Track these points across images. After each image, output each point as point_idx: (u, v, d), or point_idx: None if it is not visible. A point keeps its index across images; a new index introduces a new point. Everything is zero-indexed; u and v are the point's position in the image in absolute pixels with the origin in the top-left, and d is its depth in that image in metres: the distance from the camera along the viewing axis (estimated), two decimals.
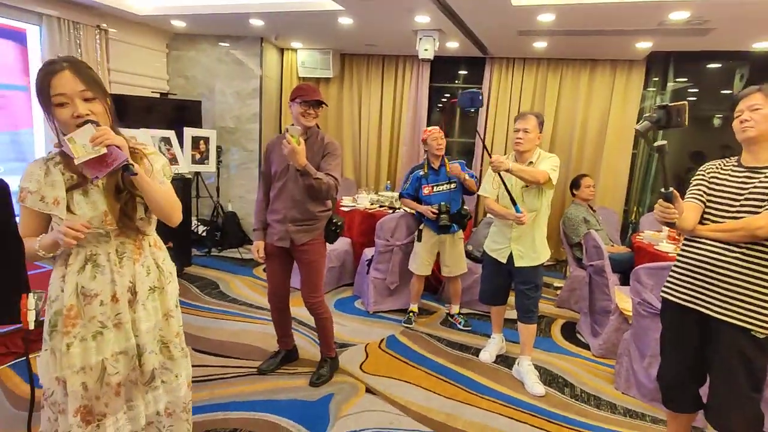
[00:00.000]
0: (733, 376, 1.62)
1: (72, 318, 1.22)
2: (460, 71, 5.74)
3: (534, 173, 2.39)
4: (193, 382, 2.46)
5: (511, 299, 2.85)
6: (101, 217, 1.25)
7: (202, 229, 5.17)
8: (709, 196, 1.71)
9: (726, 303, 1.62)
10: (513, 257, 2.58)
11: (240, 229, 5.38)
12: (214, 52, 5.23)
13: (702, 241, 1.70)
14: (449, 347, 3.11)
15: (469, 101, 2.39)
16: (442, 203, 3.17)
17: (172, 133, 4.22)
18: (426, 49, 4.17)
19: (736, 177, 1.68)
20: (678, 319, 1.78)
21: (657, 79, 5.04)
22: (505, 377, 2.75)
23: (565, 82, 5.17)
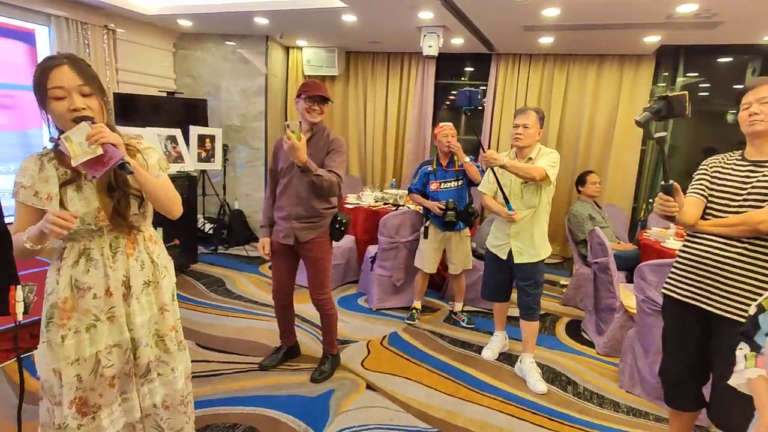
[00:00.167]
0: None
1: (67, 311, 1.24)
2: (465, 68, 5.71)
3: (529, 170, 2.37)
4: (197, 377, 2.51)
5: (514, 296, 2.83)
6: (94, 213, 1.26)
7: (209, 227, 5.22)
8: (711, 190, 1.68)
9: (728, 299, 1.59)
10: (512, 253, 2.57)
11: (246, 227, 5.42)
12: (220, 51, 5.27)
13: (704, 236, 1.67)
14: (452, 344, 3.10)
15: (468, 99, 2.37)
16: (449, 200, 3.16)
17: (178, 132, 4.26)
18: (430, 46, 4.15)
19: (739, 171, 1.64)
20: (679, 316, 1.75)
21: (667, 74, 4.96)
22: (507, 375, 2.74)
23: (572, 78, 5.11)
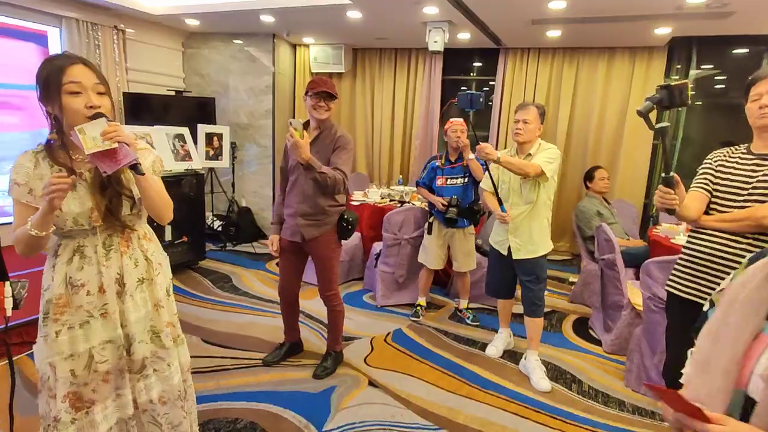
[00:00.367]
0: None
1: (61, 306, 1.26)
2: (473, 63, 5.66)
3: (523, 166, 2.34)
4: (200, 372, 2.54)
5: (519, 293, 2.80)
6: (88, 214, 1.27)
7: (217, 224, 5.28)
8: (716, 185, 1.63)
9: None
10: (511, 249, 2.55)
11: (254, 224, 5.46)
12: (227, 49, 5.31)
13: (708, 232, 1.63)
14: (456, 341, 3.08)
15: (469, 102, 2.35)
16: (453, 197, 3.14)
17: (185, 130, 4.30)
18: (435, 41, 4.12)
19: (744, 165, 1.60)
20: (683, 313, 1.71)
21: (680, 67, 4.84)
22: (511, 372, 2.71)
23: (581, 72, 5.02)
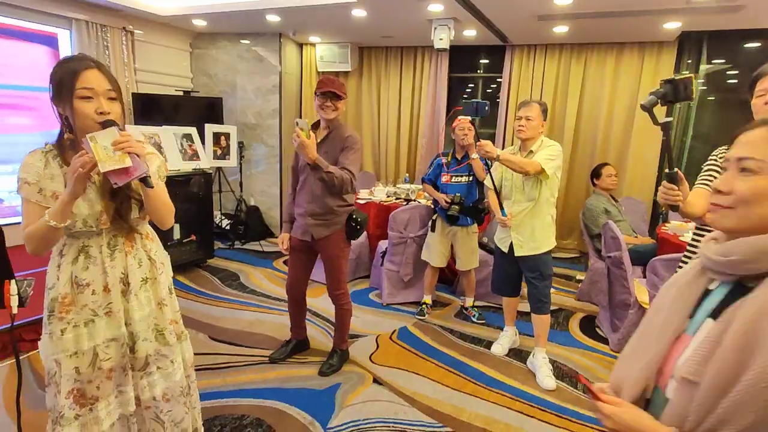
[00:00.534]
0: None
1: (66, 305, 1.28)
2: (480, 60, 5.63)
3: (522, 163, 2.34)
4: (207, 369, 2.58)
5: (525, 291, 2.79)
6: (96, 216, 1.29)
7: (225, 223, 5.33)
8: None
9: None
10: (513, 246, 2.55)
11: (262, 223, 5.50)
12: (235, 49, 5.35)
13: (713, 229, 1.60)
14: (461, 339, 3.08)
15: (474, 110, 2.37)
16: (456, 194, 3.14)
17: (193, 130, 4.35)
18: (441, 39, 4.11)
19: None
20: None
21: (690, 62, 4.76)
22: (517, 370, 2.71)
23: (589, 68, 4.97)
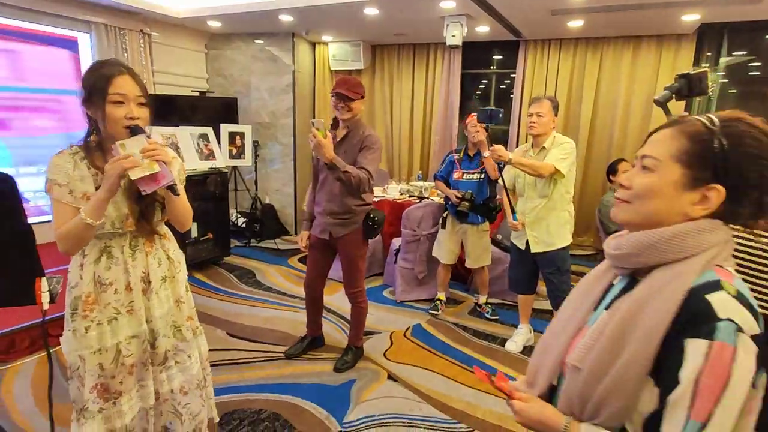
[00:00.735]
0: None
1: (90, 304, 1.33)
2: (493, 56, 5.59)
3: (536, 167, 2.35)
4: (225, 364, 2.63)
5: (540, 289, 2.79)
6: (122, 218, 1.34)
7: (241, 221, 5.41)
8: None
9: (765, 293, 1.50)
10: (529, 243, 2.55)
11: (277, 221, 5.57)
12: (249, 49, 5.41)
13: (731, 226, 1.58)
14: (475, 337, 3.09)
15: (488, 118, 2.45)
16: (467, 191, 3.14)
17: (209, 130, 4.42)
18: (453, 35, 4.09)
19: None
20: None
21: (710, 54, 4.66)
22: None
23: (605, 63, 4.90)
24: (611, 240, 0.84)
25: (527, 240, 2.56)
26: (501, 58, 5.54)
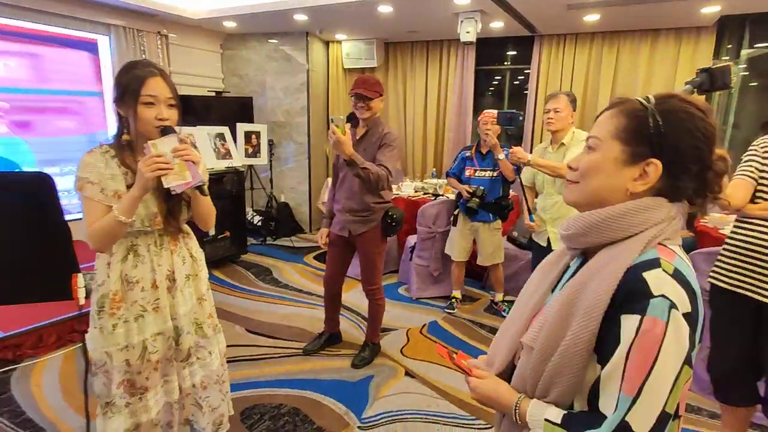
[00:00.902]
0: None
1: (117, 302, 1.36)
2: (507, 52, 5.55)
3: (556, 168, 2.34)
4: (245, 360, 2.68)
5: None
6: (151, 217, 1.37)
7: (257, 219, 5.47)
8: (762, 171, 1.57)
9: None
10: (550, 240, 2.53)
11: (292, 219, 5.61)
12: (263, 49, 5.45)
13: (754, 221, 1.56)
14: (491, 334, 3.09)
15: (508, 121, 2.44)
16: (480, 187, 3.13)
17: (226, 129, 4.48)
18: (468, 32, 4.08)
19: None
20: (728, 306, 1.66)
21: (730, 47, 4.57)
22: None
23: (622, 57, 4.82)
24: (564, 221, 0.86)
25: (548, 237, 2.55)
26: (515, 53, 5.50)
